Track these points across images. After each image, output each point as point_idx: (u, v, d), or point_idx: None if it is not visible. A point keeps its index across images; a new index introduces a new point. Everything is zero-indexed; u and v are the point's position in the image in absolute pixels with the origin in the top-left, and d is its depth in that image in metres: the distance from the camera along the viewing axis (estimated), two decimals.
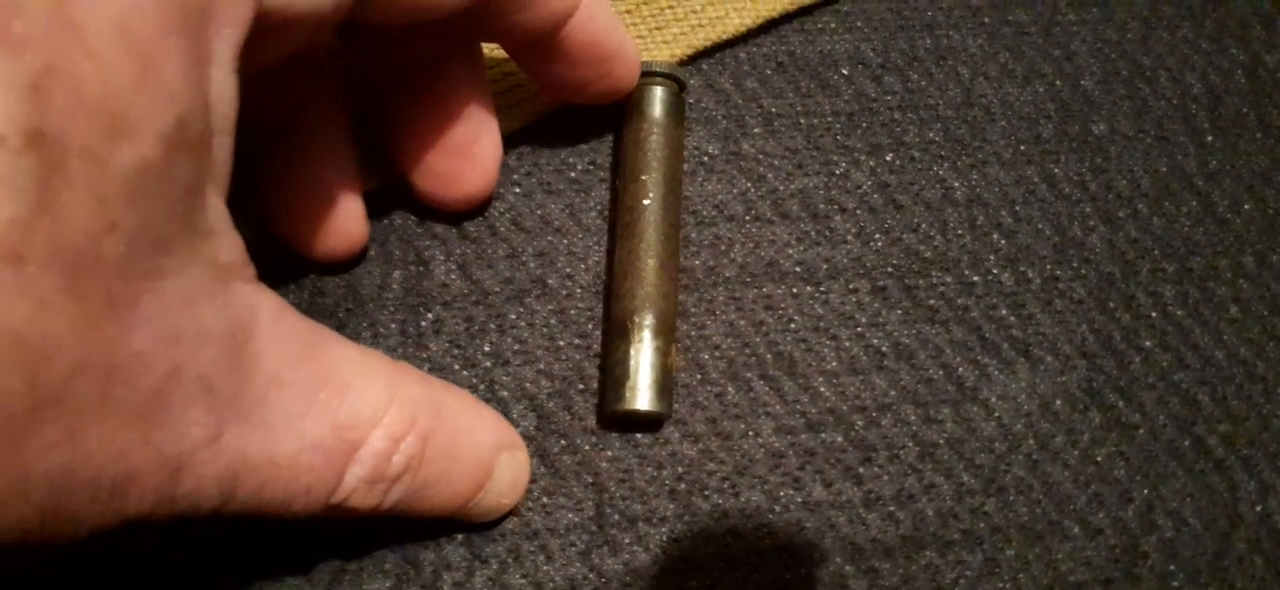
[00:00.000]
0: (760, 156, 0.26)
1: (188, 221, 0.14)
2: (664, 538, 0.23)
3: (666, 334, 0.24)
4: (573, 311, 0.25)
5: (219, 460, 0.16)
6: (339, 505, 0.18)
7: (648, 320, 0.23)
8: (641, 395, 0.23)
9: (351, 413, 0.18)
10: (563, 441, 0.24)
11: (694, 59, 0.27)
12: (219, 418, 0.15)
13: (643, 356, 0.23)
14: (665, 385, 0.23)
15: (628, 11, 0.26)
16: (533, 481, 0.24)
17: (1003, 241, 0.26)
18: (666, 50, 0.26)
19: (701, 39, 0.26)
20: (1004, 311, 0.26)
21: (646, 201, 0.24)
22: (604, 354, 0.24)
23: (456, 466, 0.20)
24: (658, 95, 0.25)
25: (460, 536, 0.23)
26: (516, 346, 0.24)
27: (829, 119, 0.27)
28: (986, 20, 0.28)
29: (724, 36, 0.26)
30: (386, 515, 0.20)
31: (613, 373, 0.23)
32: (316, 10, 0.16)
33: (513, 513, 0.23)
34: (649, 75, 0.25)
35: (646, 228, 0.24)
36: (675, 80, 0.25)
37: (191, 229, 0.15)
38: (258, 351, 0.16)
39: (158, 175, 0.13)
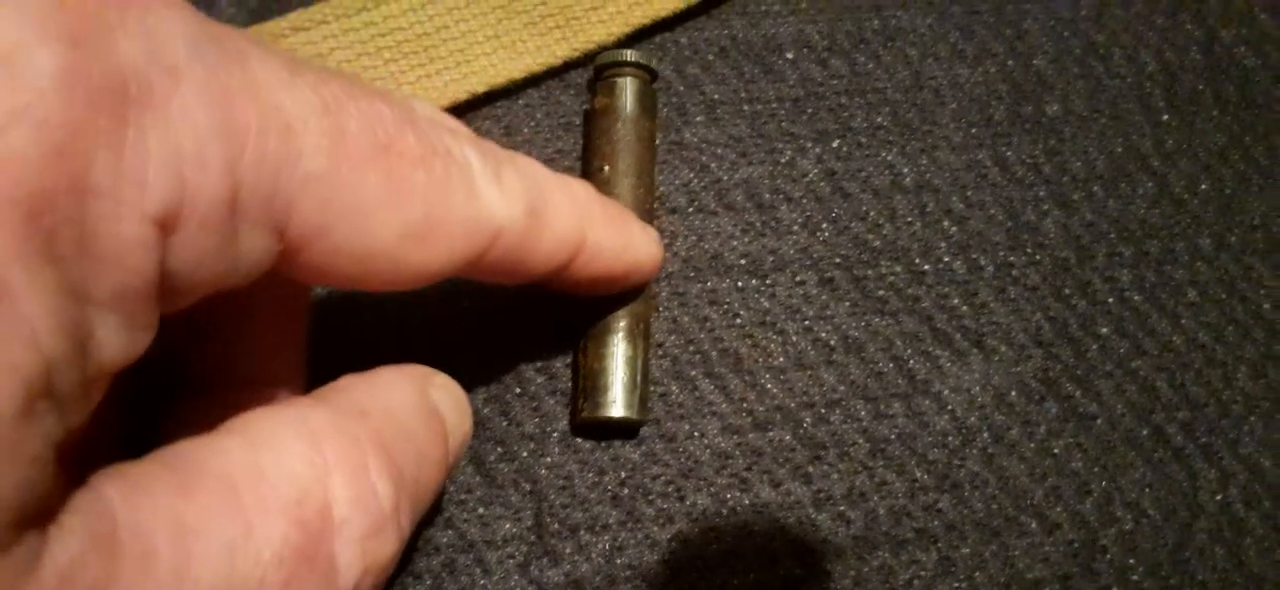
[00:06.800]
0: (703, 145, 0.25)
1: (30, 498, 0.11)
2: (606, 546, 0.22)
3: (645, 337, 0.23)
4: (508, 314, 0.24)
5: None
6: None
7: (624, 324, 0.22)
8: (618, 403, 0.22)
9: (288, 487, 0.14)
10: (499, 448, 0.23)
11: (632, 40, 0.25)
12: None
13: (620, 361, 0.22)
14: (644, 392, 0.22)
15: None
16: (468, 492, 0.22)
17: (954, 228, 0.25)
18: (603, 29, 0.25)
19: (639, 17, 0.25)
20: (956, 300, 0.25)
21: (617, 196, 0.23)
22: (581, 358, 0.23)
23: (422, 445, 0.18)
24: (628, 87, 0.24)
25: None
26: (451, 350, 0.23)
27: (774, 105, 0.26)
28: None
29: (662, 15, 0.25)
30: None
31: (595, 379, 0.22)
32: (227, 277, 0.14)
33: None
34: (619, 65, 0.24)
35: None
36: (646, 71, 0.24)
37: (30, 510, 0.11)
38: (126, 529, 0.12)
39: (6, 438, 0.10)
